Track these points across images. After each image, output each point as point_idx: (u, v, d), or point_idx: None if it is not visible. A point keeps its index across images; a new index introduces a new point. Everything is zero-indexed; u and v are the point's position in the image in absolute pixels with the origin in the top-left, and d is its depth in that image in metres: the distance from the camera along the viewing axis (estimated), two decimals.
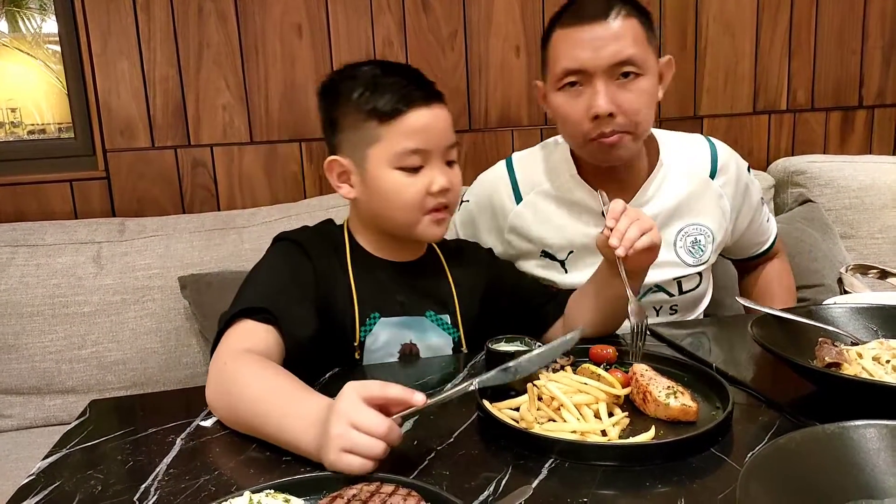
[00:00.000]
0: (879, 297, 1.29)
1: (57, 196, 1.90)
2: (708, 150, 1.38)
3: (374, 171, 1.08)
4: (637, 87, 1.19)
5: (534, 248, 1.37)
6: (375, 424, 0.73)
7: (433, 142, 1.08)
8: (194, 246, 1.77)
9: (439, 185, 1.08)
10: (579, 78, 1.19)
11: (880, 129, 2.42)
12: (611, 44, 1.16)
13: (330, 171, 1.14)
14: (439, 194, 1.08)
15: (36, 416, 1.69)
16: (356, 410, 0.74)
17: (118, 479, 0.78)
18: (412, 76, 1.10)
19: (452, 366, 1.10)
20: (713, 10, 2.21)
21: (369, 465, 0.72)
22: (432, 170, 1.08)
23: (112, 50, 1.87)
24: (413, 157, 1.06)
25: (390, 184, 1.08)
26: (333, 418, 0.75)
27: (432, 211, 1.09)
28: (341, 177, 1.13)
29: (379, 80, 1.08)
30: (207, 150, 1.97)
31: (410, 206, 1.08)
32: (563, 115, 1.23)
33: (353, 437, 0.73)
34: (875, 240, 2.14)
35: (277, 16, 1.94)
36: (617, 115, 1.18)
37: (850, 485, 0.64)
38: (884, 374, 0.88)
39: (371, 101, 1.06)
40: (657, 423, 0.84)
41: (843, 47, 2.34)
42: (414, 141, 1.06)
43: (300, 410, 0.81)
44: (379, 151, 1.07)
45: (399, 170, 1.07)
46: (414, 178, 1.07)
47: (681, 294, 1.36)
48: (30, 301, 1.67)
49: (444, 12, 2.03)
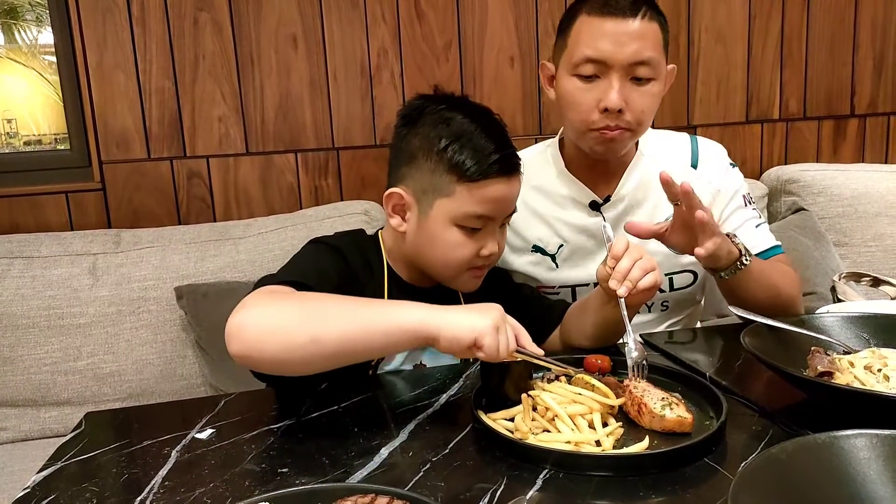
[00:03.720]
0: (871, 306, 1.30)
1: (53, 207, 1.91)
2: (689, 141, 1.41)
3: (435, 221, 1.08)
4: (648, 90, 1.22)
5: (525, 243, 1.38)
6: (513, 338, 0.89)
7: (500, 212, 1.09)
8: (190, 257, 1.77)
9: (490, 251, 1.10)
10: (596, 69, 1.20)
11: (872, 138, 2.44)
12: (634, 41, 1.18)
13: (389, 200, 1.12)
14: (488, 258, 1.10)
15: (31, 428, 1.69)
16: (509, 319, 0.90)
17: (113, 491, 0.78)
18: (503, 141, 1.09)
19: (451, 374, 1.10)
20: (705, 21, 2.23)
21: (497, 355, 0.86)
22: (487, 235, 1.09)
23: (108, 61, 1.88)
24: (476, 221, 1.08)
25: (446, 238, 1.08)
26: (493, 310, 0.88)
27: (474, 269, 1.11)
28: (396, 208, 1.12)
29: (472, 138, 1.06)
30: (203, 161, 1.97)
31: (457, 264, 1.10)
32: (572, 100, 1.24)
33: (505, 328, 0.87)
34: (868, 247, 2.15)
35: (272, 27, 1.95)
36: (625, 112, 1.21)
37: (842, 494, 0.64)
38: (875, 383, 0.88)
39: (458, 156, 1.05)
40: (651, 434, 0.84)
41: (834, 57, 2.36)
42: (484, 208, 1.07)
43: (397, 302, 0.92)
44: (447, 205, 1.07)
45: (458, 227, 1.08)
46: (469, 240, 1.08)
47: (672, 290, 1.37)
48: (25, 313, 1.67)
49: (438, 23, 2.05)
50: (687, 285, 1.38)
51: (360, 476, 0.79)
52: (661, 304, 1.39)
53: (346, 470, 0.80)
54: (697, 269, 1.39)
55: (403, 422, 0.92)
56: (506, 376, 0.91)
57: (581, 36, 1.21)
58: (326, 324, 0.88)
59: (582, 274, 1.36)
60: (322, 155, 2.04)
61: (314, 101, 2.01)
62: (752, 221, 1.38)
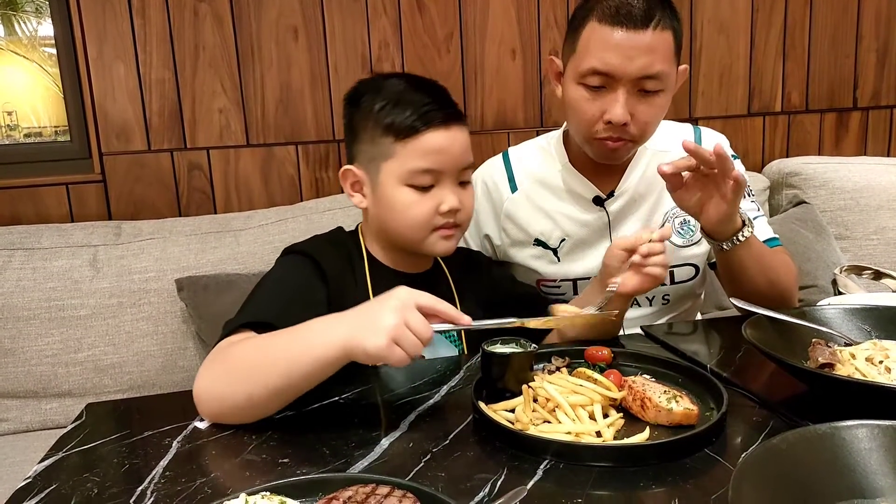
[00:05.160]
0: (873, 298, 1.30)
1: (53, 199, 1.91)
2: (692, 132, 1.41)
3: (385, 185, 1.09)
4: (654, 102, 1.20)
5: (527, 236, 1.38)
6: (424, 328, 0.84)
7: (447, 163, 1.08)
8: (191, 249, 1.77)
9: (449, 206, 1.09)
10: (603, 80, 1.19)
11: (875, 131, 2.43)
12: (644, 55, 1.15)
13: (344, 179, 1.15)
14: (448, 214, 1.10)
15: (32, 419, 1.69)
16: (410, 311, 0.84)
17: (114, 482, 0.78)
18: (435, 95, 1.10)
19: (452, 366, 1.10)
20: (707, 13, 2.22)
21: (408, 360, 0.83)
22: (443, 190, 1.09)
23: (108, 53, 1.88)
24: (425, 177, 1.07)
25: (399, 200, 1.09)
26: (387, 311, 0.83)
27: (441, 228, 1.10)
28: (354, 186, 1.15)
29: (401, 97, 1.08)
30: (204, 152, 1.97)
31: (418, 224, 1.09)
32: (578, 108, 1.23)
33: (404, 332, 0.82)
34: (870, 241, 2.15)
35: (273, 18, 1.95)
36: (629, 126, 1.20)
37: (842, 485, 0.64)
38: (877, 374, 0.88)
39: (390, 117, 1.07)
40: (651, 424, 0.84)
41: (837, 49, 2.35)
42: (427, 161, 1.07)
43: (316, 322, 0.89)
44: (392, 167, 1.08)
45: (409, 187, 1.08)
46: (423, 197, 1.08)
47: (673, 284, 1.38)
48: (26, 304, 1.67)
49: (439, 15, 2.04)
50: (688, 279, 1.38)
51: (360, 466, 0.79)
52: (663, 297, 1.39)
53: (347, 460, 0.80)
54: (698, 263, 1.39)
55: (404, 413, 0.92)
56: (506, 368, 0.91)
57: (590, 45, 1.18)
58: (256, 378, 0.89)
59: (583, 268, 1.36)
60: (322, 147, 2.04)
61: (315, 93, 2.01)
62: (750, 213, 1.36)
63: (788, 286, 1.25)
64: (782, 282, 1.24)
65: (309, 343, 0.88)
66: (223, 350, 0.96)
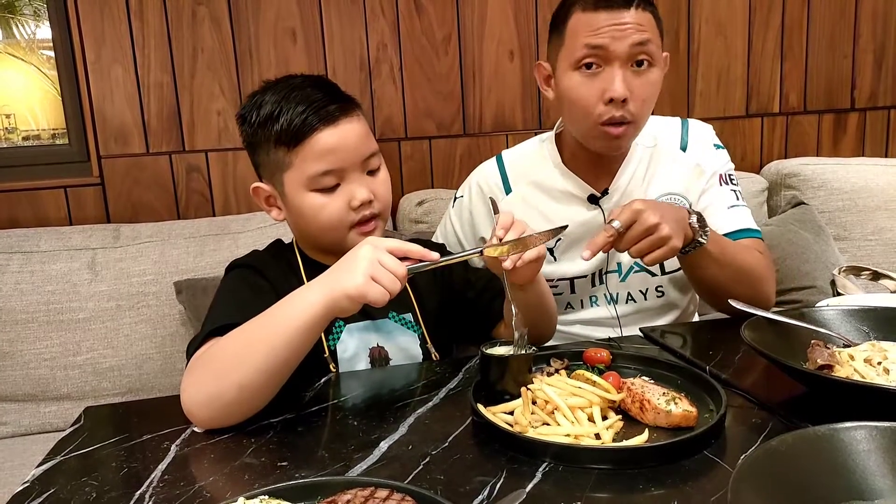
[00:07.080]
0: (871, 299, 1.30)
1: (51, 202, 1.90)
2: (679, 125, 1.42)
3: (292, 195, 1.09)
4: (648, 77, 1.22)
5: None
6: (397, 265, 0.88)
7: (345, 159, 1.07)
8: (189, 251, 1.77)
9: (360, 199, 1.07)
10: (598, 59, 1.21)
11: (872, 132, 2.44)
12: (631, 29, 1.19)
13: (257, 196, 1.15)
14: (362, 207, 1.08)
15: (31, 423, 1.69)
16: (381, 252, 0.88)
17: (113, 485, 0.78)
18: (316, 94, 1.07)
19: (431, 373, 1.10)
20: (705, 13, 2.22)
21: (388, 296, 0.86)
22: (350, 185, 1.08)
23: (106, 55, 1.88)
24: (326, 178, 1.06)
25: (308, 206, 1.08)
26: (360, 256, 0.88)
27: (358, 224, 1.09)
28: (269, 200, 1.15)
29: (282, 106, 1.06)
30: (202, 155, 1.97)
31: (332, 226, 1.08)
32: (576, 96, 1.24)
33: (380, 269, 0.87)
34: (868, 241, 2.15)
35: (271, 20, 1.95)
36: (629, 102, 1.21)
37: (841, 486, 0.64)
38: (875, 375, 0.88)
39: (275, 127, 1.06)
40: (650, 426, 0.84)
41: (834, 50, 2.35)
42: (324, 163, 1.05)
43: (288, 297, 0.92)
44: (293, 176, 1.07)
45: (315, 192, 1.07)
46: (331, 198, 1.07)
47: (664, 274, 1.38)
48: (24, 308, 1.67)
49: (437, 16, 2.04)
50: (679, 268, 1.38)
51: (359, 469, 0.79)
52: (656, 289, 1.39)
53: (346, 463, 0.80)
54: None
55: (403, 415, 0.92)
56: (505, 370, 0.91)
57: (578, 31, 1.21)
58: (243, 365, 0.90)
59: (580, 267, 1.37)
60: None
61: None
62: (725, 202, 1.37)
63: (758, 278, 1.26)
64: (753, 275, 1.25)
65: (287, 315, 0.90)
66: (199, 358, 0.96)
